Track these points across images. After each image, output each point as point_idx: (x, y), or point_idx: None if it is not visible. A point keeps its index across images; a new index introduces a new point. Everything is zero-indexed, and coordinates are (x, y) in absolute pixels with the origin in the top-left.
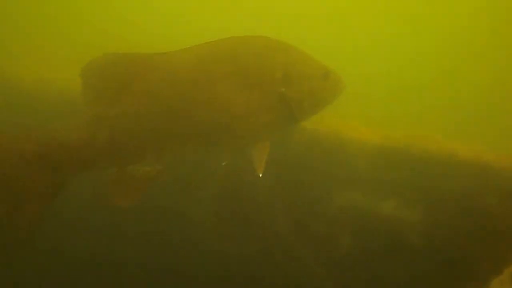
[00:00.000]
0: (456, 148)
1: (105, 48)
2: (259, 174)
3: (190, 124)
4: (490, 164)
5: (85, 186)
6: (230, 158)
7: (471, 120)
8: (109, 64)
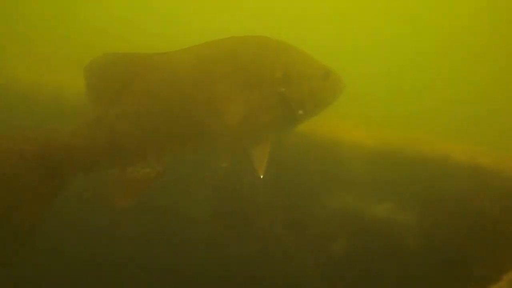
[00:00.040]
0: (451, 149)
1: (104, 49)
2: (260, 175)
3: (190, 124)
4: (485, 165)
5: (84, 187)
6: (230, 159)
7: (471, 120)
8: (109, 64)
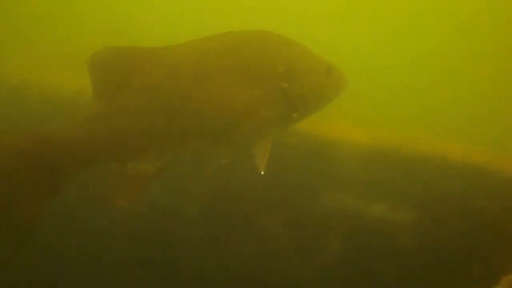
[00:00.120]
0: (449, 149)
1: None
2: (261, 172)
3: (191, 118)
4: (483, 165)
5: (84, 186)
6: (231, 155)
7: (471, 120)
8: (110, 57)
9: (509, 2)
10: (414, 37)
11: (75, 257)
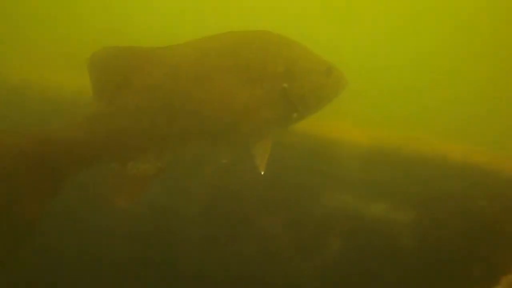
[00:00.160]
0: (448, 149)
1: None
2: (261, 172)
3: (191, 118)
4: (482, 165)
5: (83, 186)
6: (231, 155)
7: (471, 120)
8: (110, 57)
9: (509, 2)
10: (414, 37)
11: (74, 257)
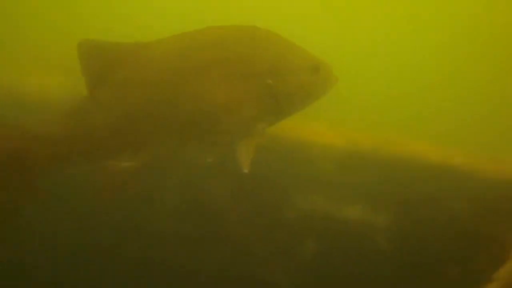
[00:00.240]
0: (425, 150)
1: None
2: (245, 171)
3: (173, 116)
4: (459, 166)
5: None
6: (215, 154)
7: (471, 120)
8: (85, 52)
9: (509, 2)
10: (414, 36)
11: (67, 252)
